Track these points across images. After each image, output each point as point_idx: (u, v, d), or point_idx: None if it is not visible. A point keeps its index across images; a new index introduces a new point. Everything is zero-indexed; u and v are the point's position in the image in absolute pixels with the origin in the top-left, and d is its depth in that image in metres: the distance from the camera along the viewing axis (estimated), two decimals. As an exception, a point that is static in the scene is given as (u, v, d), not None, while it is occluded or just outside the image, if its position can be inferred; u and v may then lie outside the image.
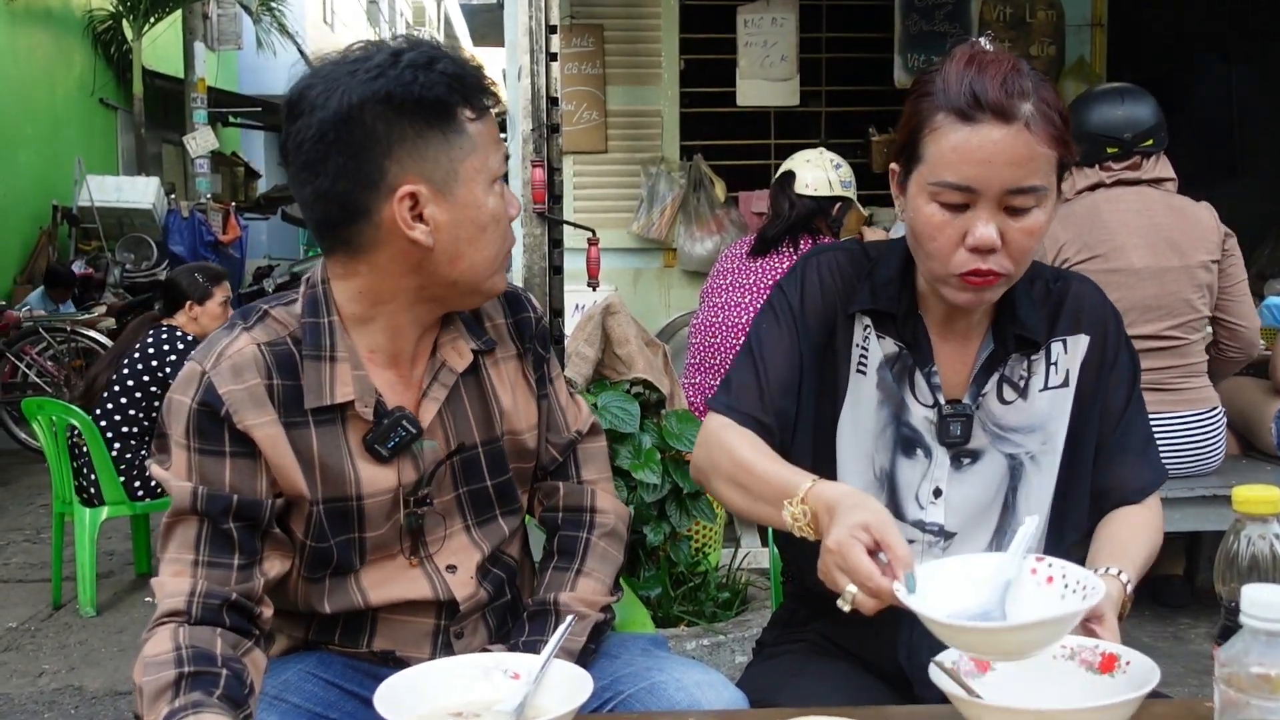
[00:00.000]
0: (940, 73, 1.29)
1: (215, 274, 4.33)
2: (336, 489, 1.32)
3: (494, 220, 1.31)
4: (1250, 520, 1.03)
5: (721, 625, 2.80)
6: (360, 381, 1.32)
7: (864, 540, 1.13)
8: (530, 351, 1.47)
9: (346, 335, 1.33)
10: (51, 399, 4.21)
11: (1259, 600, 0.87)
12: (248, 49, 14.74)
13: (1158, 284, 3.12)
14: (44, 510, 5.54)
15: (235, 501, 1.27)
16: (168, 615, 1.23)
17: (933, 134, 1.28)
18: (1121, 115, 3.19)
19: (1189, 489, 3.16)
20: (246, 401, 1.28)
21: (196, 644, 1.20)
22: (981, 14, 5.58)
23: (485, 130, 1.29)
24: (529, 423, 1.45)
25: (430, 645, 1.39)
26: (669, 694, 1.31)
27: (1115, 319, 1.45)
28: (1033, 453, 1.40)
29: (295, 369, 1.31)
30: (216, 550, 1.26)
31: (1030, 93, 1.25)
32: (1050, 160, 1.27)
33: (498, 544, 1.43)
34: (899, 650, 1.42)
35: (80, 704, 3.25)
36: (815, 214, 3.60)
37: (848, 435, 1.42)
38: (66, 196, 10.58)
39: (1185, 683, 3.03)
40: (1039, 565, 1.17)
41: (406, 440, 1.33)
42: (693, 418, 2.93)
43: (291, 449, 1.29)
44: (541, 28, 3.00)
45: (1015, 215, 1.26)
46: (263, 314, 1.35)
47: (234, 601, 1.25)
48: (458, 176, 1.27)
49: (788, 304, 1.44)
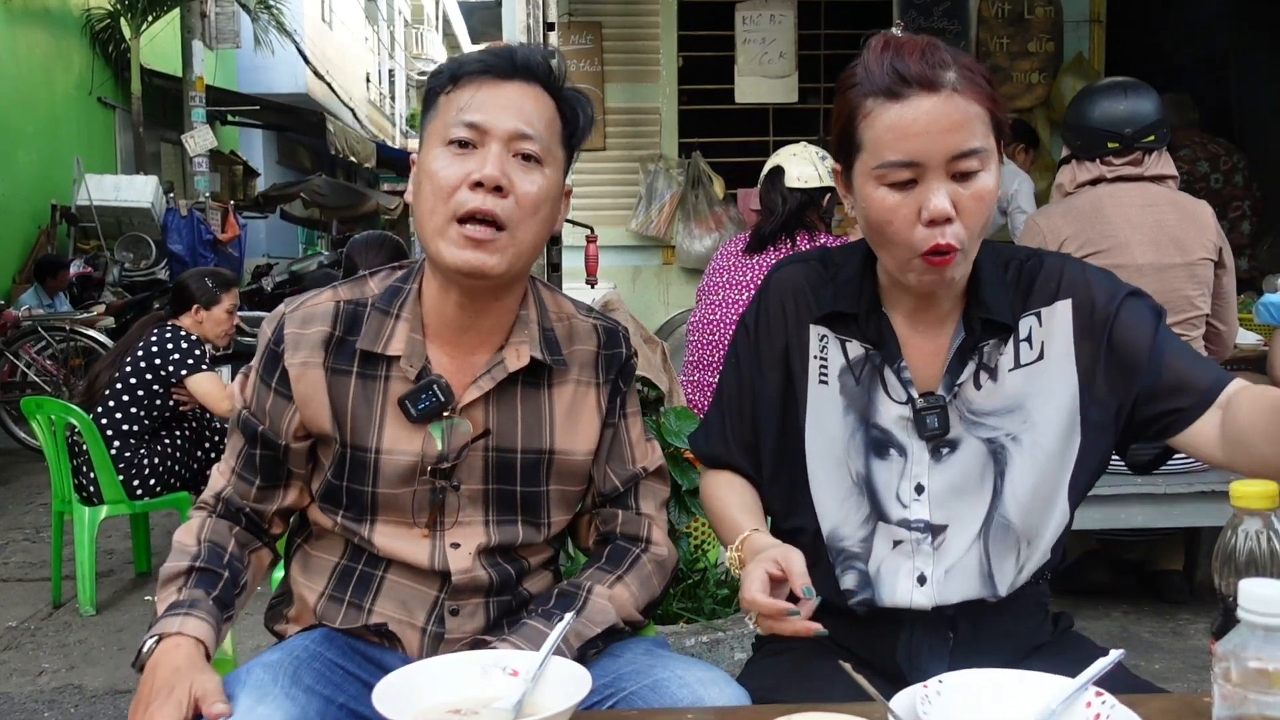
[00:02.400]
0: (860, 63, 1.31)
1: (226, 280, 4.34)
2: (360, 438, 1.42)
3: (429, 178, 1.37)
4: (1248, 515, 1.03)
5: (721, 622, 2.80)
6: (413, 344, 1.42)
7: (771, 570, 1.25)
8: (610, 384, 1.51)
9: (418, 303, 1.45)
10: (50, 398, 4.21)
11: (1256, 595, 0.87)
12: (246, 48, 14.71)
13: (1160, 281, 3.11)
14: (43, 509, 5.54)
15: (261, 433, 1.45)
16: (204, 503, 1.49)
17: (865, 120, 1.29)
18: (1123, 110, 3.17)
19: (1188, 485, 3.16)
20: (301, 344, 1.42)
21: (214, 538, 1.44)
22: (980, 10, 5.57)
23: (454, 97, 1.39)
24: (586, 447, 1.48)
25: (425, 615, 1.43)
26: (671, 691, 1.31)
27: (1105, 277, 1.41)
28: (1013, 434, 1.38)
29: (360, 325, 1.43)
30: (245, 467, 1.48)
31: (950, 62, 1.28)
32: (984, 120, 1.28)
33: (509, 542, 1.45)
34: (898, 650, 1.42)
35: (80, 703, 3.25)
36: (807, 207, 3.61)
37: (816, 446, 1.43)
38: (65, 196, 10.57)
39: (1185, 678, 3.03)
40: (1095, 701, 1.08)
41: (436, 407, 1.40)
42: (691, 415, 2.93)
43: (327, 393, 1.42)
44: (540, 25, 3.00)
45: (963, 182, 1.27)
46: (362, 278, 1.49)
47: (248, 513, 1.48)
48: (425, 143, 1.41)
49: (746, 336, 1.50)
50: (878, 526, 1.41)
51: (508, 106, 1.37)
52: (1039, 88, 5.57)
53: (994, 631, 1.41)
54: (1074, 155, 3.27)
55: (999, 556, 1.39)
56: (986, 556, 1.39)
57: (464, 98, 1.37)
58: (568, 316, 1.52)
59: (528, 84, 1.39)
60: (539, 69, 1.41)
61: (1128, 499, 3.15)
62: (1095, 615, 3.54)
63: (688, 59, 5.61)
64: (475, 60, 1.40)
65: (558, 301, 1.54)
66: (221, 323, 4.20)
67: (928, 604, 1.39)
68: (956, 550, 1.39)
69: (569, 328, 1.51)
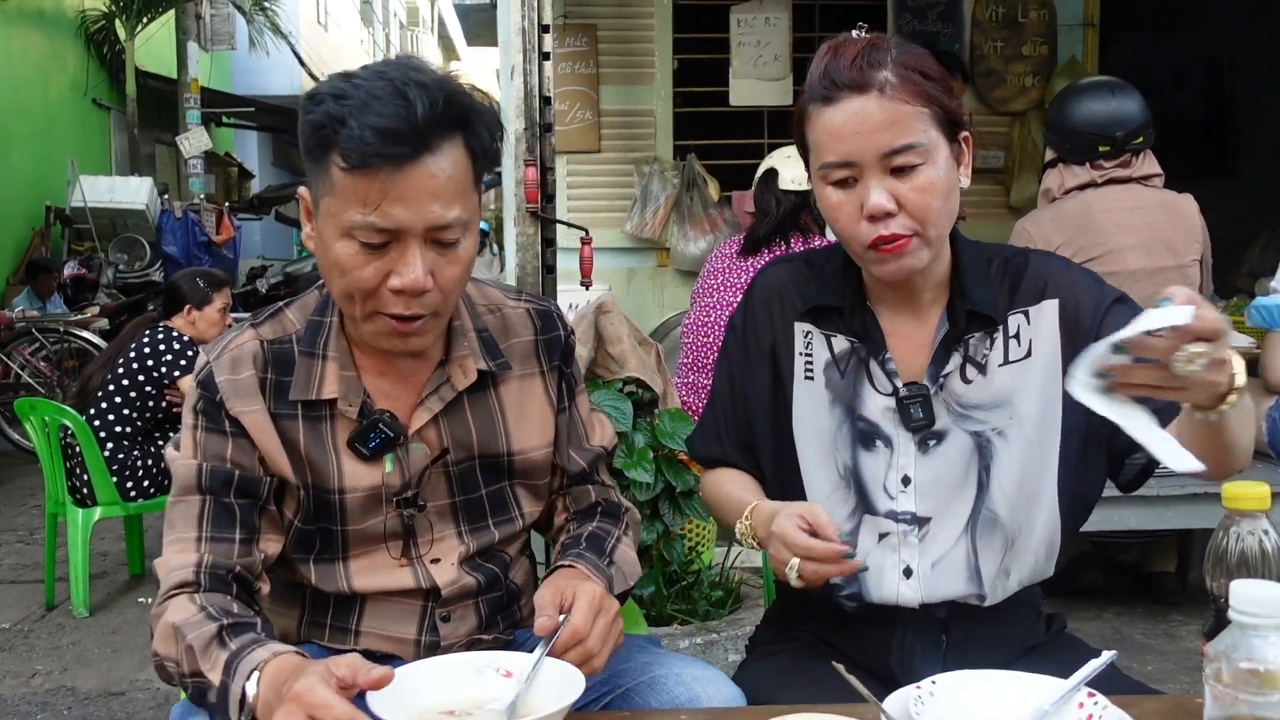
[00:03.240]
0: (811, 70, 1.35)
1: (217, 280, 4.34)
2: (321, 481, 1.36)
3: (337, 266, 1.24)
4: (1240, 516, 1.03)
5: (715, 624, 2.81)
6: (347, 381, 1.36)
7: (800, 524, 1.28)
8: (556, 370, 1.48)
9: (342, 336, 1.37)
10: (44, 399, 4.20)
11: (1248, 596, 0.87)
12: (241, 49, 14.72)
13: (1153, 285, 3.12)
14: (37, 511, 5.53)
15: (237, 476, 1.33)
16: (177, 587, 1.27)
17: (809, 124, 1.36)
18: (1112, 113, 3.16)
19: (1180, 486, 3.16)
20: (238, 391, 1.34)
21: (219, 605, 1.24)
22: (974, 13, 5.59)
23: (353, 185, 1.20)
24: (542, 440, 1.47)
25: (417, 626, 1.41)
26: (669, 688, 1.31)
27: (1091, 278, 1.42)
28: (1000, 429, 1.39)
29: (291, 366, 1.36)
30: (219, 525, 1.31)
31: (885, 62, 1.31)
32: (923, 116, 1.30)
33: (486, 545, 1.45)
34: (891, 653, 1.43)
35: (73, 704, 3.24)
36: (801, 209, 3.62)
37: (805, 439, 1.45)
38: (59, 197, 10.56)
39: (1177, 679, 3.04)
40: (1087, 701, 1.09)
41: (388, 442, 1.36)
42: (686, 416, 2.94)
43: (279, 438, 1.35)
44: (535, 27, 3.00)
45: (903, 176, 1.30)
46: (277, 311, 1.41)
47: (238, 573, 1.30)
48: (319, 206, 1.26)
49: (735, 338, 1.53)
50: (864, 519, 1.42)
51: (420, 196, 1.20)
52: (1033, 91, 5.58)
53: (986, 633, 1.41)
54: (1061, 159, 3.26)
55: (986, 552, 1.39)
56: (974, 552, 1.39)
57: (367, 190, 1.19)
58: (497, 306, 1.47)
59: (437, 150, 1.20)
60: (444, 119, 1.20)
61: (1120, 501, 3.16)
62: (1088, 617, 3.55)
63: (683, 61, 5.60)
64: (376, 150, 1.17)
65: (484, 293, 1.47)
66: (215, 322, 4.20)
67: (915, 599, 1.39)
68: (943, 543, 1.39)
69: (501, 320, 1.46)
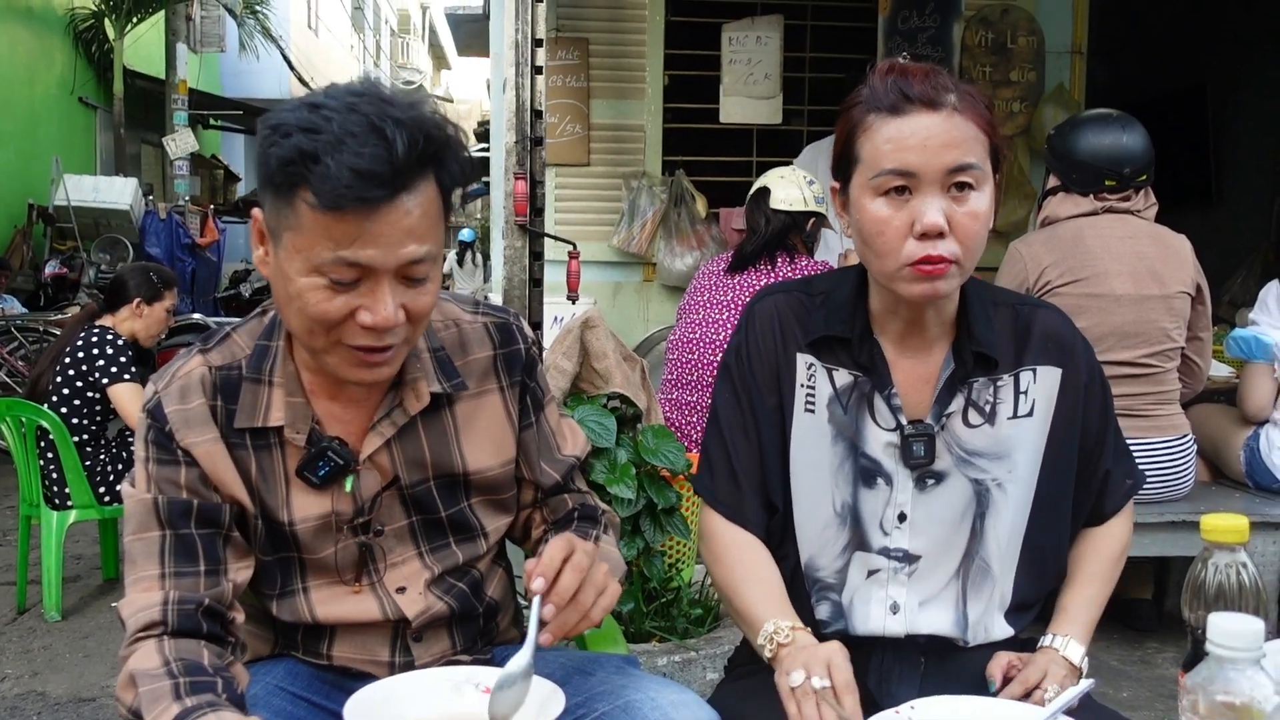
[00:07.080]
0: (867, 85, 1.34)
1: (167, 278, 4.27)
2: (272, 510, 1.33)
3: (299, 299, 1.19)
4: (1218, 549, 1.04)
5: (693, 642, 2.80)
6: (294, 408, 1.32)
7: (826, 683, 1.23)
8: (518, 385, 1.44)
9: (290, 361, 1.33)
10: (21, 399, 4.16)
11: (1225, 629, 0.88)
12: (230, 52, 14.68)
13: (1137, 312, 3.15)
14: (10, 512, 5.47)
15: (195, 506, 1.28)
16: (144, 629, 1.22)
17: (865, 134, 1.32)
18: (1122, 148, 3.19)
19: (1159, 514, 3.18)
20: (189, 421, 1.30)
21: (185, 656, 1.19)
22: (963, 39, 5.63)
23: (325, 224, 1.14)
24: (499, 459, 1.43)
25: (389, 649, 1.40)
26: (644, 712, 1.30)
27: (1085, 348, 1.46)
28: (999, 480, 1.40)
29: (238, 393, 1.32)
30: (181, 559, 1.26)
31: (953, 87, 1.31)
32: (983, 143, 1.30)
33: (450, 567, 1.42)
34: (869, 675, 1.42)
35: (43, 710, 3.20)
36: (790, 229, 3.64)
37: (801, 473, 1.43)
38: (43, 195, 10.49)
39: (1153, 707, 3.05)
40: None
41: (336, 469, 1.33)
42: (669, 433, 2.93)
43: (233, 465, 1.31)
44: (528, 40, 3.00)
45: (958, 199, 1.29)
46: (225, 335, 1.37)
47: (207, 606, 1.24)
48: (280, 237, 1.20)
49: (739, 367, 1.47)
50: (854, 556, 1.41)
51: (395, 234, 1.16)
52: (1020, 116, 5.62)
53: (964, 659, 1.41)
54: (1064, 188, 3.30)
55: (975, 599, 1.40)
56: (963, 597, 1.40)
57: (340, 230, 1.14)
58: (454, 321, 1.42)
59: (413, 189, 1.16)
60: (422, 157, 1.16)
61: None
62: (1065, 642, 3.55)
63: (674, 77, 5.63)
64: (357, 193, 1.12)
65: (440, 308, 1.41)
66: (160, 321, 4.16)
67: (900, 631, 1.40)
68: (933, 584, 1.40)
69: (457, 335, 1.41)
